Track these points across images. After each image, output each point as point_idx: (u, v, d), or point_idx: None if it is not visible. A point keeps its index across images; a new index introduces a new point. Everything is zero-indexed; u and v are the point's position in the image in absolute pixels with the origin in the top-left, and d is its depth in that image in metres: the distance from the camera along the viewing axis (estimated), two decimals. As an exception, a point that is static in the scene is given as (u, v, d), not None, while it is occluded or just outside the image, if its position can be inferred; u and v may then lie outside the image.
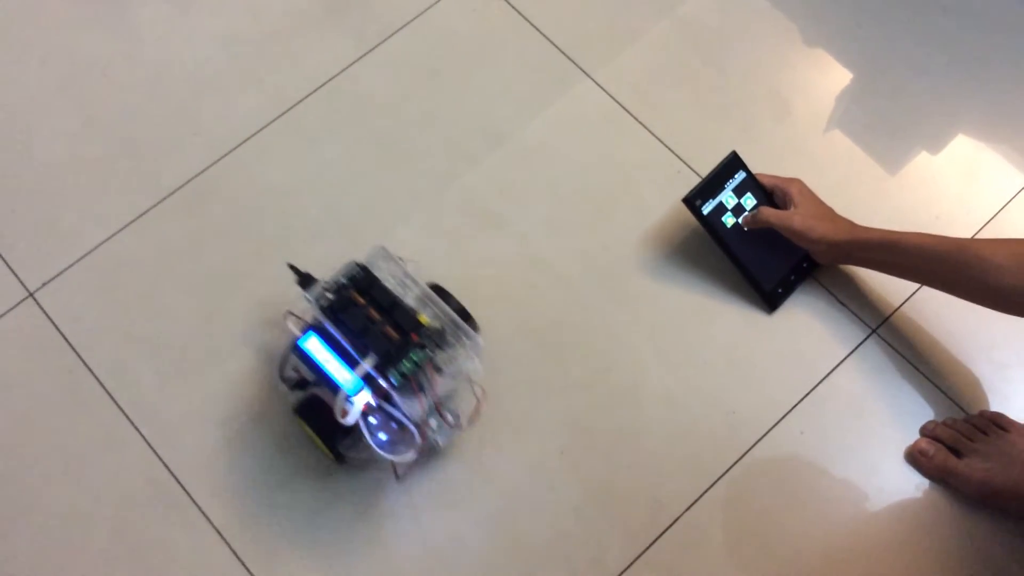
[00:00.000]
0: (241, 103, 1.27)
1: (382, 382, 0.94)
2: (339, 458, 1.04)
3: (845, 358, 1.15)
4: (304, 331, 0.97)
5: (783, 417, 1.12)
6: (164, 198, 1.22)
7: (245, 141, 1.25)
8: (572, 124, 1.28)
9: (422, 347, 0.95)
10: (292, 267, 1.04)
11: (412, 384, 0.94)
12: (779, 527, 1.08)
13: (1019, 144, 1.28)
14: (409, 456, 0.98)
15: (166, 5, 1.34)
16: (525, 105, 1.29)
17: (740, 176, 1.18)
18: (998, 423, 1.09)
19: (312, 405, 1.02)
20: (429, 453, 1.08)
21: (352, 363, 0.95)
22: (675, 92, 1.30)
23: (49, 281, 1.17)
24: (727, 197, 1.17)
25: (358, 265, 1.01)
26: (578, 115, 1.28)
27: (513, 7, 1.34)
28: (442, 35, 1.32)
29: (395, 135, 1.26)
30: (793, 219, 1.12)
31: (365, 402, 0.94)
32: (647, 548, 1.06)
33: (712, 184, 1.16)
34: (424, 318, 0.97)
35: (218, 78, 1.29)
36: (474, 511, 1.08)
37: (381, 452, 0.96)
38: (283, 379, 1.04)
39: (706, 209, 1.16)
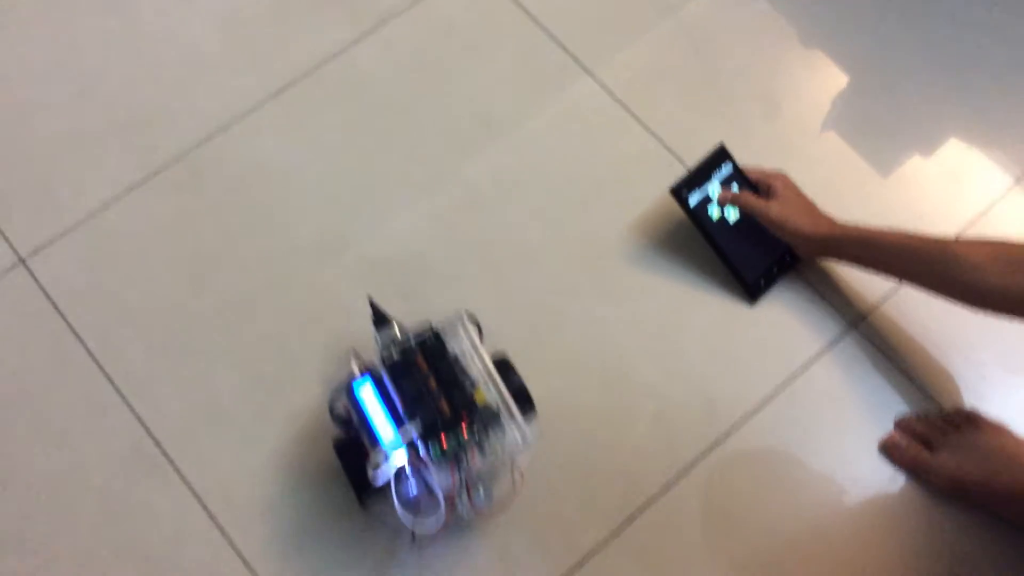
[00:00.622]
0: (237, 81, 1.29)
1: (421, 451, 0.93)
2: (363, 504, 1.03)
3: (823, 351, 1.16)
4: (362, 373, 0.97)
5: (761, 406, 1.14)
6: (157, 172, 1.23)
7: (240, 119, 1.26)
8: (566, 115, 1.29)
9: (471, 427, 0.94)
10: (372, 303, 1.03)
11: (451, 460, 0.93)
12: (753, 513, 1.09)
13: (1005, 147, 1.29)
14: (429, 526, 0.97)
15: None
16: (520, 95, 1.31)
17: (727, 168, 1.19)
18: (971, 419, 1.10)
19: (352, 449, 1.00)
20: (455, 523, 1.06)
21: (399, 423, 0.94)
22: (670, 87, 1.32)
23: (41, 248, 1.19)
24: (713, 189, 1.18)
25: (432, 330, 0.99)
26: (573, 106, 1.30)
27: (510, -3, 1.36)
28: (440, 22, 1.34)
29: (389, 120, 1.28)
30: (771, 208, 1.14)
31: (400, 464, 0.94)
32: (621, 529, 1.07)
33: (699, 175, 1.18)
34: (481, 396, 0.96)
35: (215, 56, 1.31)
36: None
37: (403, 518, 0.95)
38: (331, 412, 1.03)
39: (692, 200, 1.17)
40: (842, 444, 1.13)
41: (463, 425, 0.93)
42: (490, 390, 0.97)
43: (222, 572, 1.05)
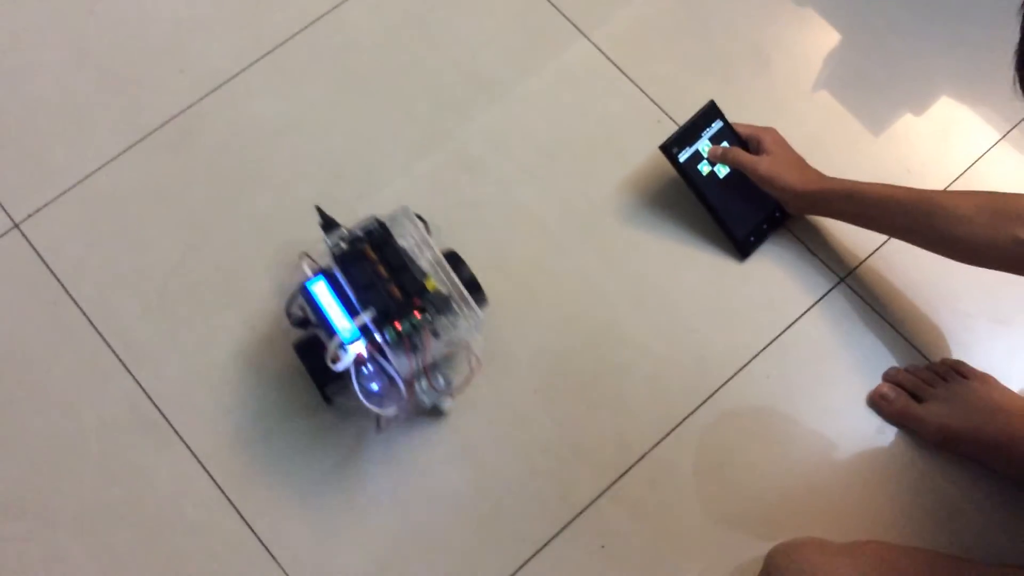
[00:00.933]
0: (227, 41, 1.29)
1: (377, 336, 0.96)
2: (327, 400, 1.06)
3: (812, 305, 1.18)
4: (315, 274, 0.99)
5: (751, 360, 1.15)
6: (149, 133, 1.23)
7: (230, 79, 1.26)
8: (558, 74, 1.29)
9: (423, 311, 0.97)
10: (319, 209, 1.05)
11: (406, 344, 0.96)
12: (743, 465, 1.11)
13: (993, 102, 1.30)
14: (391, 411, 1.00)
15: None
16: (511, 54, 1.30)
17: (717, 125, 1.20)
18: (958, 370, 1.12)
19: (311, 345, 1.04)
20: (417, 412, 1.11)
21: (353, 313, 0.97)
22: (661, 45, 1.32)
23: (35, 212, 1.19)
24: (703, 145, 1.19)
25: (378, 221, 1.02)
26: (564, 66, 1.30)
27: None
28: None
29: (381, 80, 1.28)
30: (760, 164, 1.15)
31: (358, 352, 0.96)
32: (613, 483, 1.09)
33: (689, 132, 1.18)
34: (432, 283, 0.99)
35: (205, 16, 1.30)
36: (448, 469, 1.10)
37: (364, 401, 0.98)
38: (288, 315, 1.07)
39: (683, 157, 1.18)
40: (831, 397, 1.14)
41: (415, 309, 0.96)
42: (441, 279, 1.01)
43: (220, 526, 1.07)
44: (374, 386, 0.99)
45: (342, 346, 0.96)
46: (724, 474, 1.11)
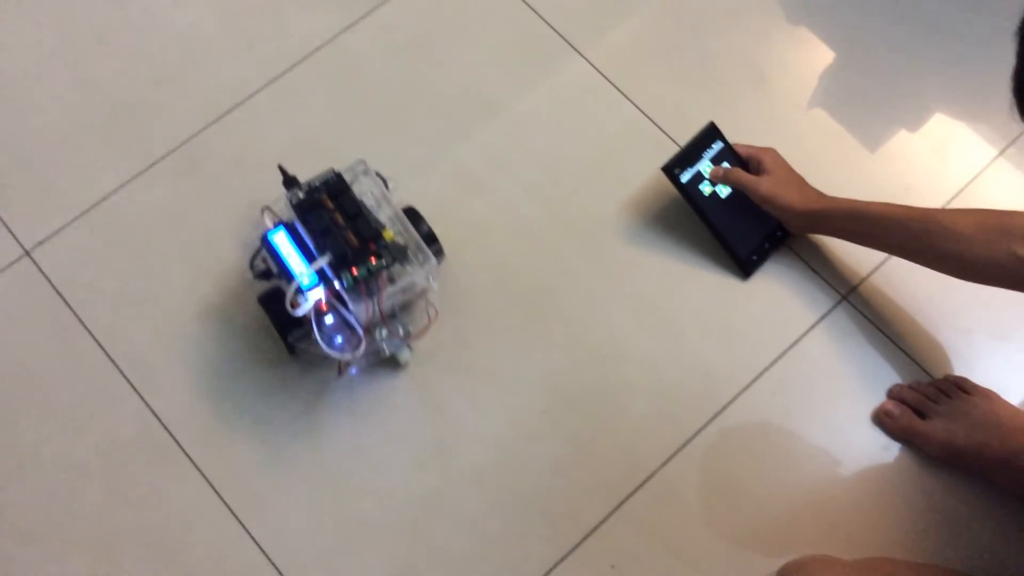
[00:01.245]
0: (232, 69, 1.30)
1: (335, 282, 1.00)
2: (290, 349, 1.11)
3: (816, 323, 1.19)
4: (275, 225, 1.04)
5: (756, 379, 1.16)
6: (158, 160, 1.24)
7: (237, 106, 1.27)
8: (557, 94, 1.31)
9: (379, 257, 1.01)
10: (281, 168, 1.10)
11: (362, 288, 1.01)
12: (750, 484, 1.12)
13: (989, 120, 1.31)
14: (348, 355, 1.05)
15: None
16: (512, 75, 1.32)
17: (717, 146, 1.21)
18: (961, 386, 1.13)
19: (275, 296, 1.08)
20: (377, 361, 1.15)
21: (312, 260, 1.01)
22: (658, 65, 1.33)
23: (46, 239, 1.20)
24: (704, 166, 1.20)
25: (335, 173, 1.06)
26: (563, 85, 1.31)
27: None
28: (431, 5, 1.35)
29: (384, 102, 1.29)
30: (761, 184, 1.16)
31: (318, 299, 1.01)
32: (622, 503, 1.10)
33: (690, 153, 1.20)
34: (389, 233, 1.03)
35: (210, 44, 1.31)
36: (410, 431, 1.14)
37: (321, 343, 1.03)
38: (252, 267, 1.11)
39: (684, 177, 1.19)
40: (836, 414, 1.15)
41: (371, 255, 1.01)
42: (399, 232, 1.05)
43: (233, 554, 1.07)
44: (338, 339, 1.04)
45: (300, 291, 1.00)
46: (732, 492, 1.12)
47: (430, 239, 1.11)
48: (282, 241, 1.03)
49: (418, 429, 1.13)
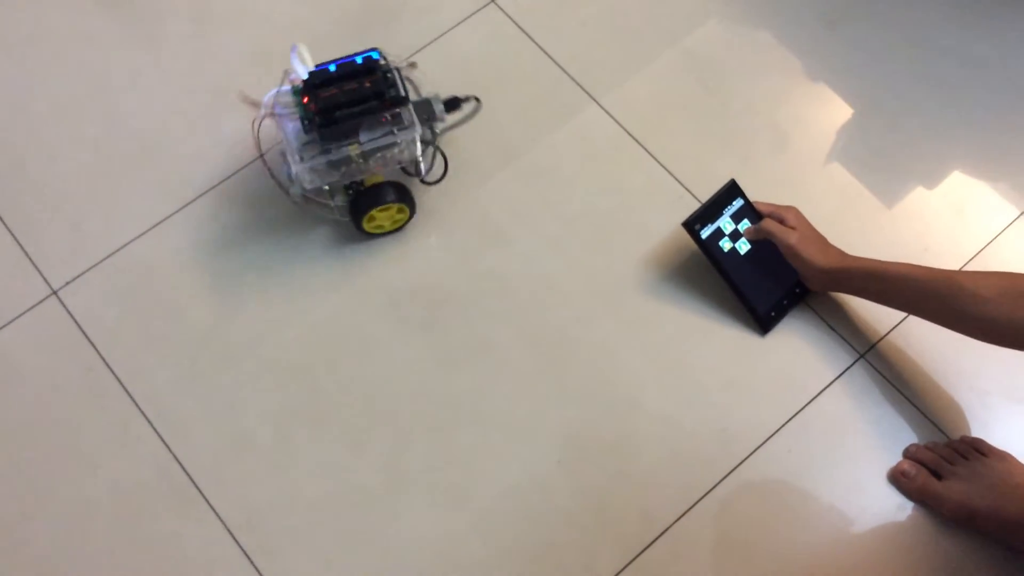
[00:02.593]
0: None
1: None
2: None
3: (833, 381, 1.19)
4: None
5: (772, 436, 1.17)
6: (187, 204, 1.27)
7: (267, 151, 1.29)
8: (580, 148, 1.32)
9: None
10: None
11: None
12: (765, 541, 1.12)
13: (1008, 181, 1.32)
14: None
15: (190, 23, 1.39)
16: (535, 128, 1.34)
17: (738, 203, 1.23)
18: (977, 448, 1.13)
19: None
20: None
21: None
22: (679, 121, 1.35)
23: (73, 280, 1.22)
24: (725, 223, 1.22)
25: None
26: (586, 139, 1.33)
27: (526, 33, 1.39)
28: (457, 59, 1.37)
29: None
30: (791, 235, 1.17)
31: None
32: (636, 557, 1.10)
33: (711, 210, 1.21)
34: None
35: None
36: (423, 476, 1.12)
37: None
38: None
39: (704, 233, 1.21)
40: (851, 473, 1.15)
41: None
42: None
43: None
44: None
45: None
46: (746, 549, 1.12)
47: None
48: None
49: (431, 476, 1.14)
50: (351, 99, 1.10)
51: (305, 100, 1.11)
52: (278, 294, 1.22)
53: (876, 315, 1.22)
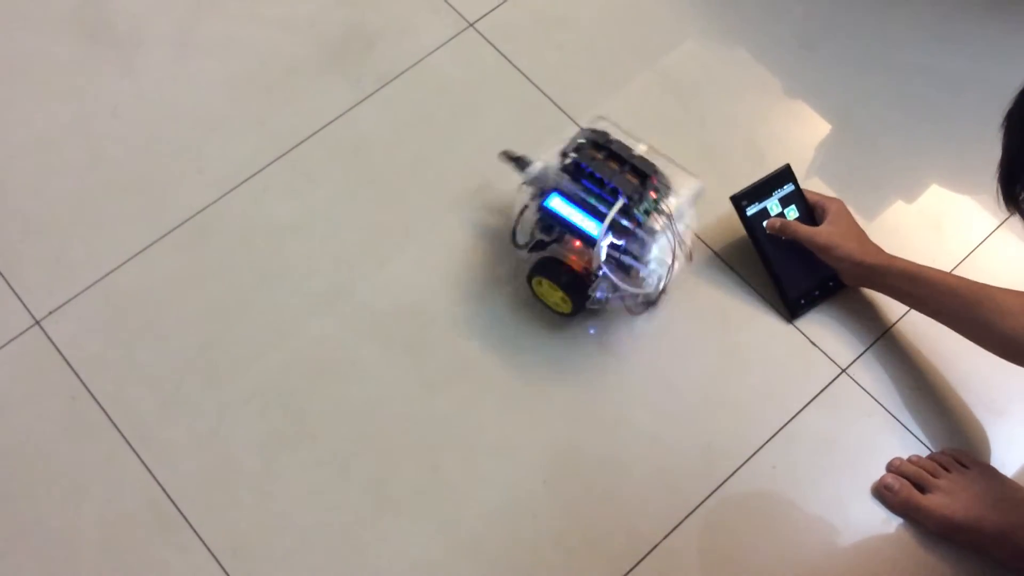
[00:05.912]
0: (243, 143, 1.33)
1: (626, 223, 1.07)
2: (576, 309, 1.18)
3: (816, 396, 1.20)
4: (546, 194, 1.11)
5: (756, 452, 1.17)
6: (169, 232, 1.27)
7: (247, 179, 1.30)
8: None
9: (657, 191, 1.07)
10: (507, 153, 1.18)
11: (659, 216, 1.09)
12: (751, 557, 1.12)
13: (984, 195, 1.33)
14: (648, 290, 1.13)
15: (170, 50, 1.39)
16: (518, 149, 1.34)
17: (789, 188, 1.24)
18: (959, 460, 1.14)
19: (547, 265, 1.15)
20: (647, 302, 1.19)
21: (594, 213, 1.09)
22: (658, 140, 1.33)
23: (56, 309, 1.22)
24: (772, 204, 1.23)
25: (591, 128, 1.14)
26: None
27: (505, 57, 1.40)
28: (437, 83, 1.38)
29: (391, 176, 1.32)
30: (819, 234, 1.19)
31: (608, 244, 1.08)
32: (625, 575, 1.11)
33: (761, 189, 1.23)
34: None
35: (223, 118, 1.35)
36: (412, 505, 1.12)
37: (621, 284, 1.10)
38: (515, 243, 1.20)
39: (750, 211, 1.23)
40: (836, 488, 1.16)
41: (653, 183, 1.10)
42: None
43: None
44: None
45: (598, 247, 1.07)
46: (734, 565, 1.12)
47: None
48: (560, 205, 1.10)
49: (421, 500, 1.14)
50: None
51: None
52: (262, 319, 1.22)
53: (857, 330, 1.23)
